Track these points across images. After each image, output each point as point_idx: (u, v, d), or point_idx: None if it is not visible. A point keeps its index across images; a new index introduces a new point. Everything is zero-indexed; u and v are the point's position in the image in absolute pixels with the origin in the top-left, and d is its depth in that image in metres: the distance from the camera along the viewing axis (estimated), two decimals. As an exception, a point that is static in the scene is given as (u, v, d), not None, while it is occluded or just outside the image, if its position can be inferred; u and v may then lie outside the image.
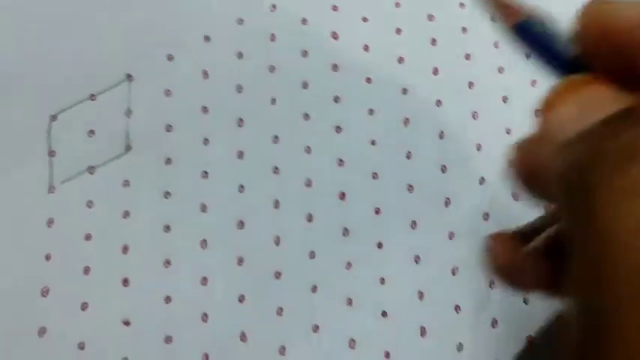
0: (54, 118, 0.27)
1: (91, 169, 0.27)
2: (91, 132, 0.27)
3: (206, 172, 0.27)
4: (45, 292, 0.26)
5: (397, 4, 0.29)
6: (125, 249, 0.26)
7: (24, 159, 0.27)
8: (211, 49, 0.28)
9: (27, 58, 0.28)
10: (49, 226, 0.26)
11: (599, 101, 0.16)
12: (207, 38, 0.28)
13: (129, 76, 0.28)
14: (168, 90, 0.28)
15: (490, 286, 0.27)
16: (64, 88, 0.28)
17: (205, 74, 0.28)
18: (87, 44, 0.28)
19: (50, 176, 0.27)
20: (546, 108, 0.18)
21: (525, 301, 0.27)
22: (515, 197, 0.27)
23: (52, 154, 0.27)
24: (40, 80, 0.28)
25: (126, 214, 0.27)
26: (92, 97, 0.28)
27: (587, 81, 0.17)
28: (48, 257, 0.26)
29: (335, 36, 0.29)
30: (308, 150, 0.28)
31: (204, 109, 0.28)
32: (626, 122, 0.15)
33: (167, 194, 0.27)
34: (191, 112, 0.28)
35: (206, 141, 0.28)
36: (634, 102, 0.16)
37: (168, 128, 0.28)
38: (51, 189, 0.27)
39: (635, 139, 0.14)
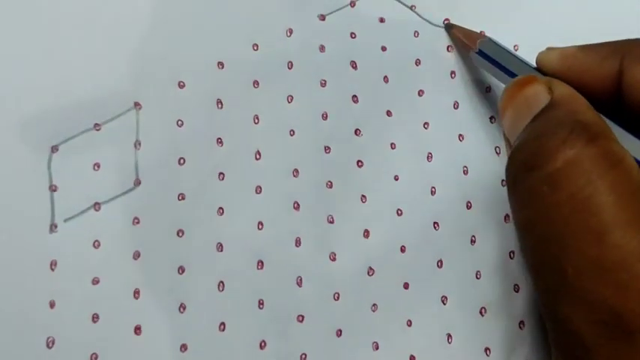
0: (55, 149, 0.25)
1: (96, 206, 0.25)
2: (97, 165, 0.25)
3: (222, 209, 0.26)
4: (50, 343, 0.23)
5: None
6: (136, 293, 0.24)
7: (22, 195, 0.24)
8: (225, 77, 0.27)
9: (24, 83, 0.25)
10: (51, 269, 0.24)
11: (531, 101, 0.21)
12: (220, 64, 0.27)
13: (137, 104, 0.26)
14: (180, 120, 0.26)
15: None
16: (66, 117, 0.25)
17: (219, 103, 0.26)
18: (90, 69, 0.26)
19: (52, 213, 0.24)
20: (500, 115, 0.22)
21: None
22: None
23: (53, 188, 0.25)
24: (39, 108, 0.25)
25: (136, 255, 0.25)
26: (97, 126, 0.25)
27: (524, 82, 0.21)
28: (52, 304, 0.23)
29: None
30: (330, 185, 0.26)
31: (219, 141, 0.26)
32: (543, 121, 0.20)
33: (180, 232, 0.25)
34: (205, 144, 0.26)
35: (221, 175, 0.26)
36: (555, 96, 0.20)
37: (181, 161, 0.26)
38: (53, 228, 0.24)
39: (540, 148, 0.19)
